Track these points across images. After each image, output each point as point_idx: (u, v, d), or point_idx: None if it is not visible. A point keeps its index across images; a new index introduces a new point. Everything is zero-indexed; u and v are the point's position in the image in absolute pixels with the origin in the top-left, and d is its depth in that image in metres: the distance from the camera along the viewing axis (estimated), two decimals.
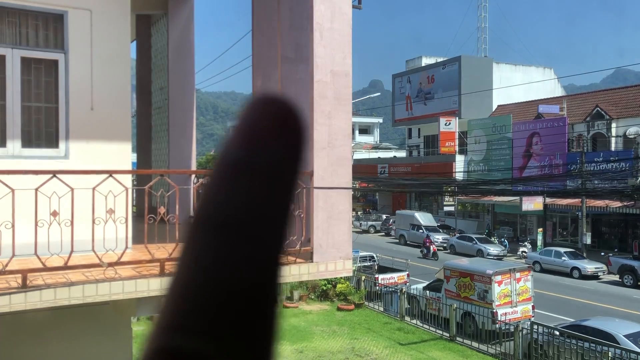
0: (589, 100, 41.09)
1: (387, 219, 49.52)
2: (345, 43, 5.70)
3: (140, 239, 5.20)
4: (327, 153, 5.48)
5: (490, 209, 44.76)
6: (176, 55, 9.19)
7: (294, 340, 17.58)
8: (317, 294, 22.94)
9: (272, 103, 0.36)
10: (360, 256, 25.70)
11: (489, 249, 35.07)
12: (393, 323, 19.83)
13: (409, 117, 57.57)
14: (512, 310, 18.00)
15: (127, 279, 4.61)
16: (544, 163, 37.82)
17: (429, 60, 59.28)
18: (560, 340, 14.63)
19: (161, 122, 9.59)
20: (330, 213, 5.44)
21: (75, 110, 5.61)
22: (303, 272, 5.38)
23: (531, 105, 44.77)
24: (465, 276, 18.86)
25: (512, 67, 55.58)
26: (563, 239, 38.94)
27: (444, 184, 35.60)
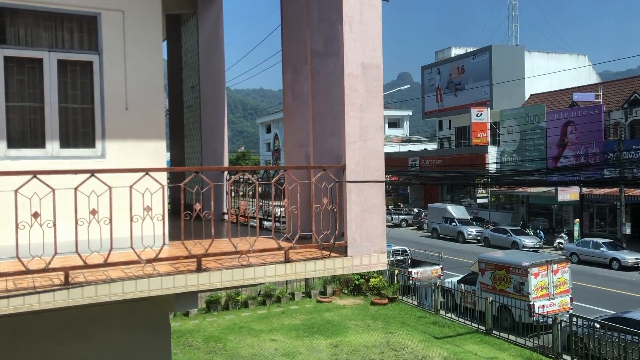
0: (625, 86, 39.94)
1: (419, 212, 49.18)
2: (375, 35, 5.64)
3: (176, 235, 5.27)
4: (360, 146, 5.44)
5: (525, 200, 43.99)
6: (206, 54, 9.26)
7: (329, 334, 17.62)
8: (350, 289, 22.94)
9: None
10: (393, 250, 25.60)
11: (524, 241, 34.51)
12: (427, 317, 19.69)
13: (439, 108, 56.95)
14: (549, 303, 17.68)
15: (165, 275, 4.67)
16: (579, 152, 36.97)
17: (458, 50, 58.47)
18: (601, 333, 14.30)
19: (193, 120, 9.69)
20: (363, 206, 5.41)
21: (111, 111, 5.71)
22: (337, 266, 5.36)
23: (565, 94, 43.79)
24: (501, 269, 18.59)
25: (544, 55, 54.40)
26: (601, 229, 38.03)
27: (476, 176, 35.09)
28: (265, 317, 19.71)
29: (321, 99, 6.20)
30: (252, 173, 5.98)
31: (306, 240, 5.63)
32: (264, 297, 21.36)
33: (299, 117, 6.81)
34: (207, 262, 4.94)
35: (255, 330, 18.13)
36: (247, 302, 20.91)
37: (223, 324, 18.91)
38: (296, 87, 6.93)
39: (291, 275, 5.14)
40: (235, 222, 7.51)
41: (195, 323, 18.87)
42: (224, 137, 9.45)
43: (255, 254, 5.17)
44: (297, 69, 6.89)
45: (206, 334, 17.77)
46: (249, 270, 4.96)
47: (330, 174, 5.42)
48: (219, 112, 9.44)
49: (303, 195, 5.56)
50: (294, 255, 5.27)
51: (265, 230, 6.31)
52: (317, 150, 6.18)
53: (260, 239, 5.26)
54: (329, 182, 5.42)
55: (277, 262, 5.09)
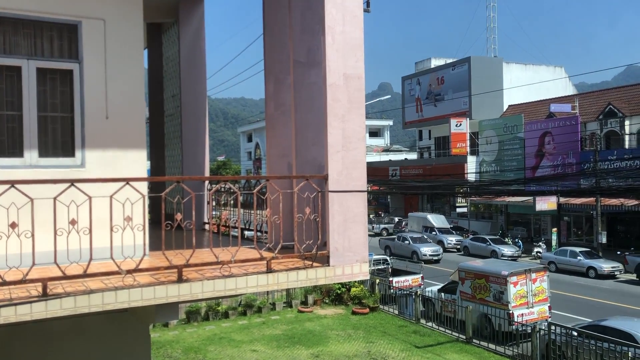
0: (601, 98, 40.76)
1: (400, 221, 49.39)
2: (357, 46, 5.69)
3: (157, 245, 5.22)
4: (342, 156, 5.47)
5: (504, 210, 44.49)
6: (187, 63, 9.24)
7: (310, 344, 17.55)
8: (331, 298, 22.90)
9: None
10: (374, 259, 25.65)
11: (503, 250, 34.85)
12: (408, 326, 19.74)
13: (419, 119, 57.44)
14: (528, 311, 17.85)
15: (145, 285, 4.62)
16: (556, 162, 37.54)
17: (438, 61, 59.11)
18: (578, 341, 14.47)
19: (174, 129, 9.64)
20: (346, 216, 5.43)
21: (91, 119, 5.66)
22: (320, 276, 5.37)
23: (542, 105, 44.52)
24: (480, 277, 18.74)
25: (522, 67, 55.28)
26: (578, 238, 38.59)
27: (456, 186, 35.42)
28: (246, 328, 19.56)
29: (304, 109, 6.22)
30: (233, 182, 5.95)
31: (288, 250, 5.63)
32: (245, 308, 21.22)
33: (282, 127, 6.82)
34: (188, 272, 4.90)
35: (235, 341, 17.98)
36: (228, 313, 20.74)
37: (203, 334, 18.71)
38: (278, 97, 6.95)
39: (273, 286, 5.12)
40: (217, 232, 7.47)
41: (175, 334, 18.65)
42: (205, 145, 9.42)
43: (237, 264, 5.15)
44: (280, 79, 6.91)
45: (186, 344, 17.56)
46: (230, 281, 4.93)
47: (312, 184, 5.43)
48: (200, 121, 9.41)
49: (285, 205, 5.56)
50: (276, 265, 5.25)
51: (247, 240, 6.29)
52: (300, 160, 6.19)
53: (242, 249, 5.24)
54: (312, 191, 5.43)
55: (259, 273, 5.07)
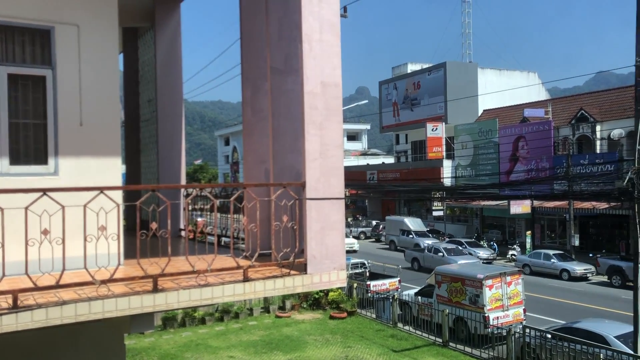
0: (573, 103, 41.56)
1: (377, 225, 49.62)
2: (335, 54, 5.71)
3: (132, 254, 5.15)
4: (319, 164, 5.47)
5: (479, 213, 45.02)
6: (164, 67, 9.16)
7: (287, 350, 17.48)
8: (309, 303, 22.87)
9: None
10: (352, 263, 25.70)
11: (479, 253, 35.23)
12: (386, 330, 19.80)
13: (396, 123, 57.83)
14: (503, 314, 18.05)
15: (120, 295, 4.56)
16: (530, 166, 38.13)
17: (414, 66, 59.64)
18: (552, 343, 14.69)
19: (150, 134, 9.54)
20: (323, 224, 5.43)
21: (64, 126, 5.56)
22: (297, 284, 5.36)
23: (516, 110, 45.19)
24: (457, 281, 18.91)
25: (496, 72, 56.08)
26: (551, 241, 39.22)
27: (433, 190, 35.76)
28: (223, 334, 19.40)
29: (281, 116, 6.21)
30: (210, 190, 5.91)
31: (266, 258, 5.60)
32: (222, 313, 21.05)
33: (259, 133, 6.80)
34: (163, 282, 4.85)
35: (212, 347, 17.82)
36: (205, 319, 20.55)
37: (179, 341, 18.50)
38: (256, 103, 6.93)
39: (250, 295, 5.09)
40: (193, 239, 7.40)
41: (151, 341, 18.40)
42: (181, 150, 9.34)
43: (213, 273, 5.11)
44: (257, 85, 6.89)
45: (162, 351, 17.34)
46: (206, 290, 4.89)
47: (290, 191, 5.42)
48: (176, 126, 9.33)
49: (263, 213, 5.53)
50: (253, 273, 5.22)
51: (224, 248, 6.24)
52: (277, 166, 6.18)
53: (218, 257, 5.20)
54: (289, 199, 5.42)
55: (236, 281, 5.04)
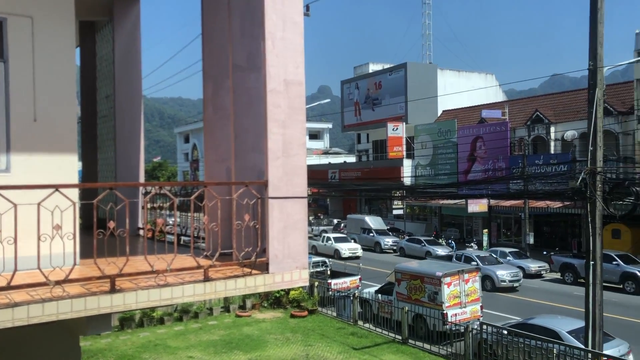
0: (529, 105, 42.71)
1: (339, 223, 49.85)
2: (298, 52, 5.69)
3: (89, 254, 5.01)
4: (282, 162, 5.45)
5: (438, 212, 45.79)
6: (122, 63, 8.95)
7: (248, 349, 17.38)
8: (270, 302, 22.78)
9: None
10: (313, 262, 25.73)
11: (437, 251, 35.81)
12: (346, 328, 19.91)
13: (357, 122, 58.19)
14: (461, 311, 18.40)
15: (75, 296, 4.43)
16: (487, 166, 38.99)
17: (376, 66, 60.12)
18: (508, 339, 15.05)
19: (107, 131, 9.31)
20: (285, 223, 5.41)
21: (17, 122, 5.36)
22: (259, 283, 5.32)
23: (474, 111, 46.14)
24: (416, 278, 19.16)
25: (455, 74, 57.10)
26: (507, 239, 40.22)
27: (393, 189, 36.14)
28: (182, 334, 19.13)
29: (243, 113, 6.15)
30: (169, 188, 5.80)
31: (227, 257, 5.54)
32: (181, 313, 20.75)
33: (220, 131, 6.72)
34: (121, 282, 4.74)
35: (171, 348, 17.54)
36: (163, 319, 20.21)
37: (137, 342, 18.15)
38: (217, 100, 6.84)
39: (211, 295, 5.03)
40: (152, 238, 7.25)
41: (108, 342, 17.98)
42: (140, 147, 9.15)
43: (173, 273, 5.02)
44: (219, 82, 6.81)
45: (119, 352, 16.97)
46: (166, 290, 4.81)
47: (252, 190, 5.37)
48: (135, 122, 9.13)
49: (224, 212, 5.47)
50: (214, 273, 5.16)
51: (183, 247, 6.15)
52: (239, 165, 6.12)
53: (178, 257, 5.11)
54: (251, 198, 5.37)
55: (196, 281, 4.97)
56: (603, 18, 12.61)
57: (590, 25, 12.69)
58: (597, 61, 12.50)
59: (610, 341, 14.61)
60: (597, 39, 12.52)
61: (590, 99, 12.64)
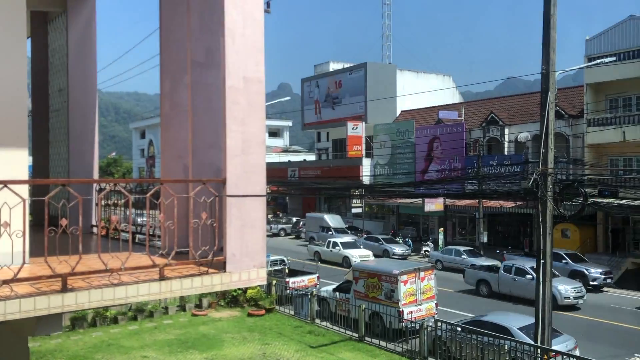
0: (484, 106, 43.72)
1: (297, 221, 49.85)
2: (258, 50, 5.66)
3: (39, 252, 4.86)
4: (241, 160, 5.41)
5: (395, 210, 46.36)
6: (76, 55, 8.69)
7: (204, 348, 17.19)
8: (227, 301, 22.59)
9: None
10: (271, 260, 25.65)
11: (394, 249, 36.28)
12: (304, 326, 19.94)
13: (317, 121, 58.29)
14: (417, 309, 18.70)
15: (24, 296, 4.28)
16: (444, 166, 39.73)
17: (336, 65, 60.34)
18: (461, 336, 15.39)
19: (60, 125, 9.03)
20: (244, 221, 5.37)
21: None
22: (216, 282, 5.27)
23: (432, 111, 46.91)
24: (373, 277, 19.36)
25: (414, 74, 57.88)
26: (462, 237, 41.09)
27: (352, 187, 36.36)
28: (137, 333, 18.77)
29: (201, 110, 6.07)
30: (124, 185, 5.67)
31: (183, 256, 5.46)
32: (136, 312, 20.34)
33: (178, 128, 6.62)
34: (73, 281, 4.61)
35: (125, 347, 17.19)
36: (117, 318, 19.77)
37: (89, 342, 17.70)
38: (175, 96, 6.73)
39: (167, 294, 4.95)
40: (106, 236, 7.08)
41: (58, 342, 17.47)
42: (94, 143, 8.91)
43: (127, 272, 4.92)
44: (176, 78, 6.70)
45: (70, 353, 16.51)
46: (120, 289, 4.70)
47: (210, 188, 5.31)
48: (89, 117, 8.89)
49: (180, 210, 5.39)
50: (170, 272, 5.08)
51: (139, 245, 6.03)
52: (197, 162, 6.04)
53: (133, 255, 5.01)
54: (209, 196, 5.31)
55: (152, 280, 4.88)
56: (555, 24, 13.04)
57: (543, 31, 13.09)
58: (549, 66, 12.91)
59: (559, 337, 15.14)
60: (549, 44, 12.93)
61: (543, 102, 13.04)
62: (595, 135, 30.53)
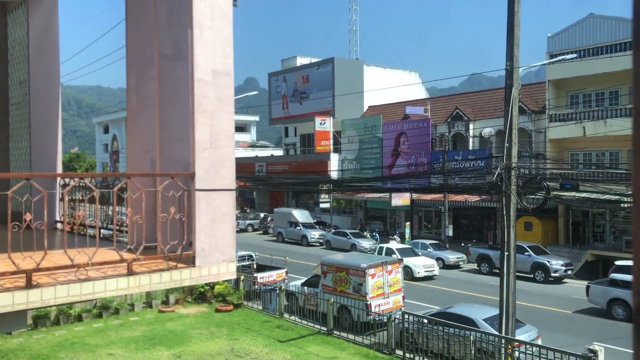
0: (449, 102, 44.35)
1: (265, 217, 49.70)
2: (227, 42, 5.62)
3: (2, 248, 4.74)
4: (210, 154, 5.37)
5: (363, 205, 46.68)
6: (37, 47, 8.47)
7: (171, 345, 17.03)
8: (194, 297, 22.41)
9: None
10: (239, 255, 25.52)
11: (362, 243, 36.56)
12: (272, 321, 19.94)
13: (285, 115, 58.15)
14: (384, 302, 18.91)
15: None
16: (410, 161, 40.18)
17: (303, 60, 60.25)
18: (428, 328, 15.65)
19: (21, 118, 8.79)
20: (213, 215, 5.34)
21: None
22: (185, 277, 5.23)
23: (399, 107, 47.34)
24: (341, 270, 19.48)
25: (381, 70, 58.25)
26: (428, 231, 41.67)
27: (320, 182, 36.44)
28: (102, 331, 18.46)
29: (169, 103, 6.00)
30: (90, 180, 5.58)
31: (151, 250, 5.41)
32: (101, 310, 20.00)
33: (144, 121, 6.53)
34: (38, 277, 4.51)
35: (90, 345, 16.89)
36: (82, 316, 19.40)
37: (53, 340, 17.32)
38: (141, 89, 6.64)
39: (135, 289, 4.90)
40: (71, 231, 6.94)
41: (20, 341, 17.04)
42: (57, 137, 8.72)
43: (94, 267, 4.84)
44: (143, 71, 6.60)
45: (32, 352, 16.14)
46: (87, 285, 4.63)
47: (178, 182, 5.27)
48: (52, 111, 8.69)
49: (148, 204, 5.33)
50: (138, 267, 5.02)
51: (105, 241, 5.93)
52: (164, 156, 5.98)
53: (100, 250, 4.94)
54: (177, 190, 5.26)
55: (120, 275, 4.82)
56: (519, 21, 13.31)
57: (507, 28, 13.35)
58: (513, 62, 13.18)
59: (522, 327, 15.54)
60: (514, 40, 13.19)
61: (507, 98, 13.32)
62: (557, 131, 31.33)
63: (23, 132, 8.70)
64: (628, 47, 28.94)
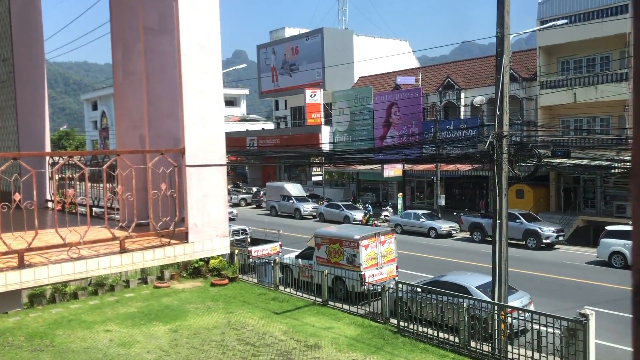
0: (440, 71, 44.10)
1: (258, 191, 49.74)
2: (213, 15, 5.51)
3: None
4: (200, 129, 5.32)
5: (355, 177, 46.76)
6: (20, 23, 8.29)
7: (167, 320, 17.17)
8: (189, 272, 22.52)
9: None
10: (233, 230, 25.59)
11: (355, 215, 36.74)
12: (268, 294, 20.12)
13: (275, 88, 57.68)
14: (378, 272, 19.09)
15: None
16: (402, 132, 40.10)
17: (292, 31, 59.50)
18: (422, 296, 15.84)
19: (6, 97, 8.65)
20: (205, 191, 5.31)
21: None
22: (178, 253, 5.23)
23: (389, 77, 47.03)
24: (335, 242, 19.60)
25: (371, 40, 57.67)
26: (420, 201, 41.89)
27: (312, 155, 36.38)
28: (98, 308, 18.56)
29: (156, 78, 5.91)
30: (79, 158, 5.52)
31: (143, 228, 5.39)
32: (96, 287, 20.08)
33: (132, 97, 6.44)
34: (31, 257, 4.49)
35: (86, 322, 16.99)
36: (77, 293, 19.48)
37: (49, 318, 17.42)
38: (128, 64, 6.53)
39: (128, 266, 4.89)
40: (62, 210, 6.90)
41: (16, 320, 17.12)
42: (45, 115, 8.60)
43: (87, 246, 4.82)
44: (129, 46, 6.48)
45: (29, 330, 16.23)
46: (80, 264, 4.62)
47: (168, 158, 5.22)
48: (38, 88, 8.55)
49: (139, 181, 5.29)
50: (131, 244, 5.01)
51: (97, 219, 5.90)
52: (153, 132, 5.91)
53: (92, 228, 4.91)
54: (167, 166, 5.22)
55: (112, 253, 4.81)
56: None
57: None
58: (504, 29, 13.06)
59: (514, 293, 15.76)
60: (504, 7, 13.05)
61: (498, 65, 13.24)
62: (548, 97, 31.30)
63: (9, 111, 8.57)
64: (619, 12, 28.76)
